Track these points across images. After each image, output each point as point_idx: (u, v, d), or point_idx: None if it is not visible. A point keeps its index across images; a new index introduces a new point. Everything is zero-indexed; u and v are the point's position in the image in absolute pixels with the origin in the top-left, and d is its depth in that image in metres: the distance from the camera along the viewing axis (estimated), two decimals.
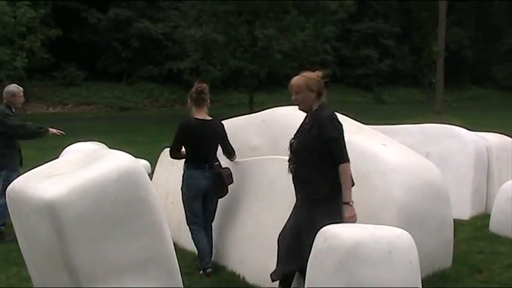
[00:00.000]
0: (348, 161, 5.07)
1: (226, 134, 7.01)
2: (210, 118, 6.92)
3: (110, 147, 10.30)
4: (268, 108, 7.98)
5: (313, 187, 5.09)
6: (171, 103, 36.36)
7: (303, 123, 5.42)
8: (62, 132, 8.95)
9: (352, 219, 4.98)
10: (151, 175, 8.45)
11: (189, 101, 6.94)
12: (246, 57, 28.00)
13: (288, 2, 28.59)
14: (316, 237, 4.56)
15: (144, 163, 11.79)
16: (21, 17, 24.11)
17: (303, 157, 5.21)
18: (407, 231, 4.66)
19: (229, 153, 7.06)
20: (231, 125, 7.63)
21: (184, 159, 6.91)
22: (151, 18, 36.43)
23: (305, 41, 27.98)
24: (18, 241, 5.37)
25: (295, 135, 5.42)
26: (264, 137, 7.48)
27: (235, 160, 7.08)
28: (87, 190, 4.59)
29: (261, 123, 7.66)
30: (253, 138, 7.60)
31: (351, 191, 5.05)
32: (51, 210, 4.46)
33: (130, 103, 35.27)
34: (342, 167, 5.03)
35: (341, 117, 7.55)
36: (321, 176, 5.07)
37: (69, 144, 10.22)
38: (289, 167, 5.38)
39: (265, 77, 29.41)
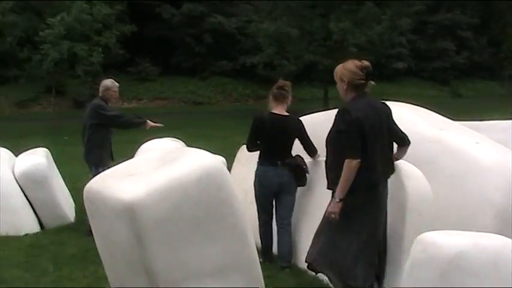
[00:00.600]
0: (353, 157, 4.70)
1: (305, 131, 6.72)
2: (287, 114, 6.71)
3: (185, 143, 10.20)
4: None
5: (333, 181, 4.91)
6: (245, 98, 36.27)
7: None
8: (159, 125, 8.94)
9: (331, 216, 4.78)
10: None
11: (270, 96, 6.78)
12: (320, 51, 27.55)
13: None
14: (413, 246, 4.19)
15: (220, 159, 11.58)
16: (97, 14, 24.41)
17: (328, 151, 5.09)
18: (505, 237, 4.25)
19: (312, 151, 6.73)
20: (309, 121, 7.29)
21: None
22: (224, 13, 36.37)
23: (381, 33, 27.33)
24: (96, 241, 5.20)
25: None
26: None
27: (319, 159, 6.76)
28: (167, 192, 4.36)
29: None
30: None
31: (344, 189, 4.72)
32: (130, 213, 4.26)
33: (204, 98, 35.35)
34: (345, 161, 4.71)
35: (428, 113, 7.23)
36: (338, 169, 4.78)
37: (146, 141, 10.00)
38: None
39: None
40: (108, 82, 8.63)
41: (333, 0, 28.27)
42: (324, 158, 6.57)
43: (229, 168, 9.04)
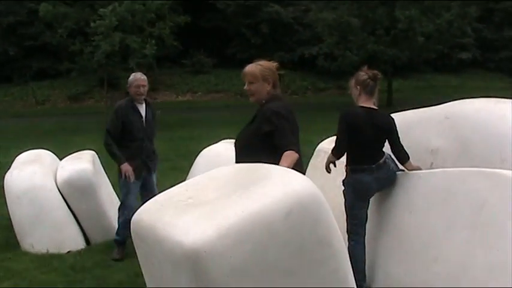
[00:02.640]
0: (295, 150, 4.60)
1: (397, 130, 5.68)
2: (377, 108, 5.70)
3: None
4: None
5: None
6: (303, 90, 35.00)
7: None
8: (131, 178, 7.05)
9: None
10: None
11: (357, 87, 5.64)
12: (384, 40, 26.13)
13: None
14: None
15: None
16: (150, 4, 23.53)
17: (244, 153, 4.76)
18: None
19: (404, 156, 5.67)
20: (402, 120, 6.10)
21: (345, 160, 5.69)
22: (281, 2, 35.16)
23: (451, 21, 25.69)
24: (145, 280, 4.02)
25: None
26: (448, 138, 5.86)
27: (411, 168, 5.64)
28: (245, 232, 3.10)
29: (443, 120, 6.01)
30: (433, 138, 6.00)
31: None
32: (195, 262, 3.03)
33: None
34: (285, 153, 4.51)
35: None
36: None
37: (207, 146, 8.72)
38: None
39: (406, 61, 27.48)
40: (130, 77, 7.32)
41: None
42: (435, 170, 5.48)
43: None
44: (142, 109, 7.24)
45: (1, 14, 34.19)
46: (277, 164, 4.24)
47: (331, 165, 5.74)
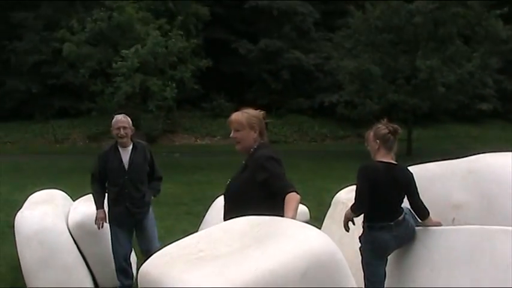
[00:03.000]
0: (296, 191, 4.53)
1: (416, 186, 5.46)
2: (396, 163, 5.47)
3: None
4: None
5: None
6: (322, 137, 34.84)
7: (242, 164, 4.93)
8: (100, 225, 6.93)
9: None
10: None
11: (376, 141, 5.46)
12: (405, 90, 26.03)
13: (454, 30, 26.27)
14: None
15: (300, 208, 10.09)
16: (172, 47, 23.65)
17: (237, 203, 4.66)
18: None
19: (423, 212, 5.44)
20: (423, 173, 5.95)
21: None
22: (302, 49, 35.27)
23: (472, 72, 25.58)
24: None
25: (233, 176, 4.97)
26: (472, 193, 5.72)
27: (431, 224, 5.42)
28: None
29: (466, 175, 5.86)
30: (455, 192, 5.88)
31: None
32: None
33: (279, 136, 34.04)
34: (290, 195, 4.46)
35: None
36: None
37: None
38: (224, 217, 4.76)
39: (427, 111, 27.35)
40: (113, 119, 7.17)
41: (420, 37, 26.77)
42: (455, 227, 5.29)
43: (316, 221, 7.73)
44: (126, 153, 6.96)
45: (26, 52, 34.64)
46: (280, 210, 4.27)
47: (350, 223, 5.52)
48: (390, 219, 5.29)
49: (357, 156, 26.15)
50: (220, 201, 7.87)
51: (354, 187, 10.63)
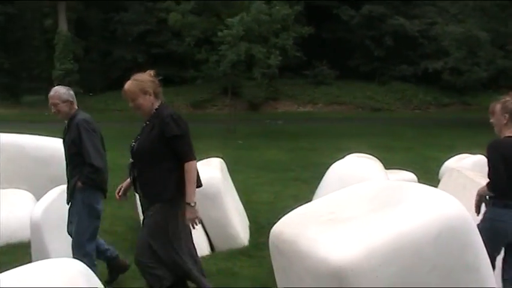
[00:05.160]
0: (194, 159, 4.88)
1: None
2: None
3: (370, 154, 8.78)
4: None
5: (158, 188, 4.88)
6: (426, 105, 34.17)
7: (143, 126, 5.13)
8: None
9: (194, 221, 4.85)
10: None
11: (504, 116, 5.13)
12: None
13: None
14: None
15: (409, 176, 10.06)
16: (276, 15, 23.67)
17: (146, 159, 4.95)
18: None
19: None
20: None
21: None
22: (406, 15, 34.48)
23: None
24: None
25: (135, 138, 5.14)
26: None
27: None
28: (393, 252, 2.99)
29: None
30: None
31: (194, 191, 4.86)
32: (339, 280, 2.94)
33: (382, 104, 33.65)
34: (186, 165, 4.81)
35: None
36: (166, 177, 4.86)
37: (338, 159, 8.51)
38: (130, 171, 5.10)
39: None
40: None
41: None
42: None
43: None
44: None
45: (132, 23, 35.63)
46: (181, 169, 4.80)
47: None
48: None
49: (462, 125, 25.60)
50: (335, 167, 7.91)
51: (463, 155, 10.47)
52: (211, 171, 7.58)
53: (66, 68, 33.97)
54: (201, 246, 7.41)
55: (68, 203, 5.99)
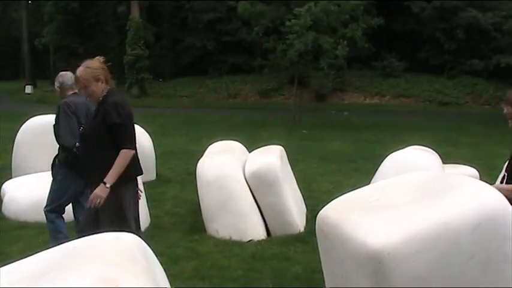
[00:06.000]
0: (131, 147, 5.05)
1: None
2: None
3: (435, 148, 8.74)
4: None
5: (100, 173, 5.02)
6: (496, 101, 33.32)
7: (94, 111, 5.38)
8: None
9: (97, 200, 4.96)
10: None
11: None
12: None
13: None
14: None
15: (470, 171, 9.94)
16: (345, 5, 23.58)
17: (90, 143, 5.18)
18: None
19: None
20: None
21: None
22: (479, 7, 33.70)
23: None
24: (325, 277, 4.07)
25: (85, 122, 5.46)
26: None
27: None
28: (431, 239, 3.07)
29: None
30: None
31: (116, 175, 4.96)
32: (377, 264, 3.05)
33: (451, 98, 33.04)
34: (121, 151, 4.98)
35: None
36: (107, 162, 5.00)
37: (394, 151, 8.53)
38: (77, 153, 5.42)
39: None
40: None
41: None
42: None
43: None
44: None
45: (202, 11, 36.07)
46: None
47: None
48: None
49: None
50: (391, 158, 7.95)
51: None
52: (270, 158, 7.75)
53: (137, 54, 34.68)
54: (258, 231, 7.61)
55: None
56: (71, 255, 2.95)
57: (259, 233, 7.60)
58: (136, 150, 5.13)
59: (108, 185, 4.96)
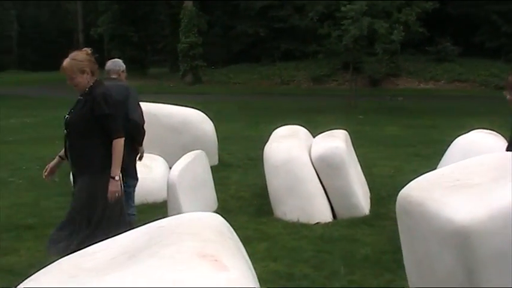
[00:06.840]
0: (122, 136, 5.24)
1: None
2: None
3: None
4: None
5: (85, 161, 5.23)
6: None
7: (77, 100, 5.43)
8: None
9: (115, 194, 5.16)
10: None
11: None
12: None
13: None
14: None
15: None
16: None
17: (76, 132, 5.30)
18: None
19: None
20: None
21: None
22: None
23: None
24: (404, 254, 4.21)
25: (69, 111, 5.45)
26: None
27: None
28: None
29: None
30: None
31: (119, 166, 5.20)
32: (462, 241, 3.18)
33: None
34: (114, 142, 5.19)
35: None
36: (92, 151, 5.22)
37: (462, 134, 8.53)
38: (64, 142, 5.47)
39: None
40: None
41: None
42: None
43: None
44: None
45: None
46: (109, 144, 5.15)
47: None
48: None
49: None
50: (459, 141, 7.98)
51: None
52: (336, 142, 7.89)
53: (191, 42, 35.07)
54: (324, 214, 7.77)
55: None
56: (164, 233, 3.01)
57: (326, 216, 7.74)
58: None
59: (116, 178, 5.18)
